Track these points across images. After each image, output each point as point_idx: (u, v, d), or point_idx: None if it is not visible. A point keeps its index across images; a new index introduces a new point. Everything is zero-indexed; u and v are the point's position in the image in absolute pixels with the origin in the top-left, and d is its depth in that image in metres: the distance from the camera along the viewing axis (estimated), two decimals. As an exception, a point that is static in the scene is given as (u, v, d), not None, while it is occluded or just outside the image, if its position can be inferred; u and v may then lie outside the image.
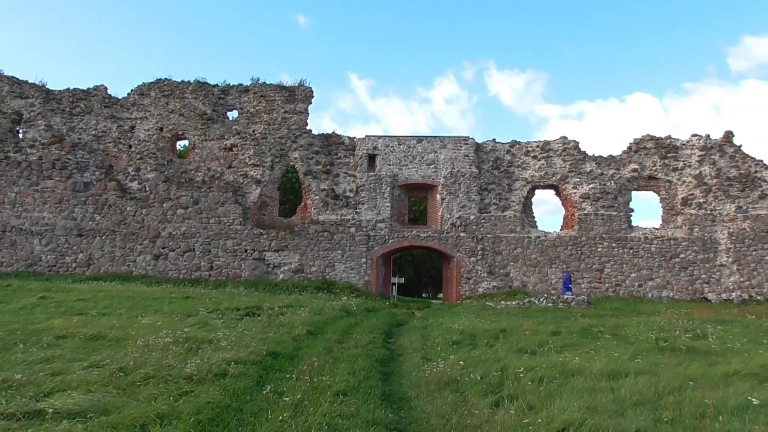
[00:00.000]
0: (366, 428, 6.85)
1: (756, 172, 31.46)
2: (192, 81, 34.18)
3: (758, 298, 29.29)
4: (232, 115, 34.33)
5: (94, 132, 33.64)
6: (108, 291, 22.59)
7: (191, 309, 17.33)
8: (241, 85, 34.28)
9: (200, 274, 31.38)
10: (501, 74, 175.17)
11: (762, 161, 31.73)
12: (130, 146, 33.56)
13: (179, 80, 34.27)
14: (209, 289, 26.43)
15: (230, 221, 31.96)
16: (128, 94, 34.36)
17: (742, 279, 30.17)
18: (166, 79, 34.32)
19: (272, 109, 33.47)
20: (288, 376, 9.39)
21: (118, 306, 17.99)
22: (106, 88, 34.41)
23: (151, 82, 34.31)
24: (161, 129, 33.69)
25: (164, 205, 32.26)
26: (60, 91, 34.15)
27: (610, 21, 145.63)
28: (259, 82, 34.06)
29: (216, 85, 34.28)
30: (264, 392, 8.21)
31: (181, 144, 39.08)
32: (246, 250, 31.66)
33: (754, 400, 7.93)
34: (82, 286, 24.68)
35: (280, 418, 6.90)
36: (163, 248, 31.84)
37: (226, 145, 33.50)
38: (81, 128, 33.66)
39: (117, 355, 9.73)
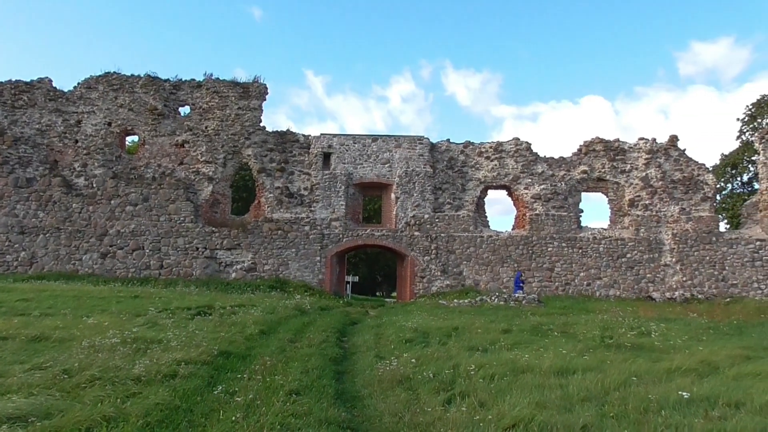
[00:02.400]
0: (318, 427, 6.83)
1: (699, 175, 32.62)
2: (142, 75, 33.44)
3: (699, 296, 30.39)
4: (184, 110, 33.72)
5: (37, 126, 32.53)
6: (52, 290, 21.85)
7: (140, 308, 16.94)
8: (193, 80, 33.69)
9: (150, 272, 30.70)
10: (457, 74, 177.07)
11: (704, 165, 32.94)
12: (77, 141, 32.59)
13: (129, 74, 33.47)
14: (159, 288, 25.91)
15: (181, 219, 31.37)
16: (74, 87, 33.36)
17: (684, 278, 31.26)
18: (114, 72, 33.46)
19: (225, 105, 33.01)
20: (240, 376, 9.29)
21: (62, 306, 17.42)
22: (50, 81, 33.35)
23: (99, 76, 33.39)
24: (109, 124, 32.82)
25: (112, 202, 31.43)
26: (1, 83, 32.89)
27: (565, 23, 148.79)
28: (213, 77, 33.54)
29: (167, 80, 33.60)
30: (215, 393, 8.10)
31: (130, 139, 38.18)
32: (197, 249, 31.13)
33: (685, 394, 8.22)
34: (23, 286, 23.84)
35: (232, 418, 6.81)
36: (110, 246, 31.02)
37: (177, 141, 32.86)
38: (24, 122, 32.50)
39: (61, 357, 9.41)
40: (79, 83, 33.42)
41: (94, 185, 31.70)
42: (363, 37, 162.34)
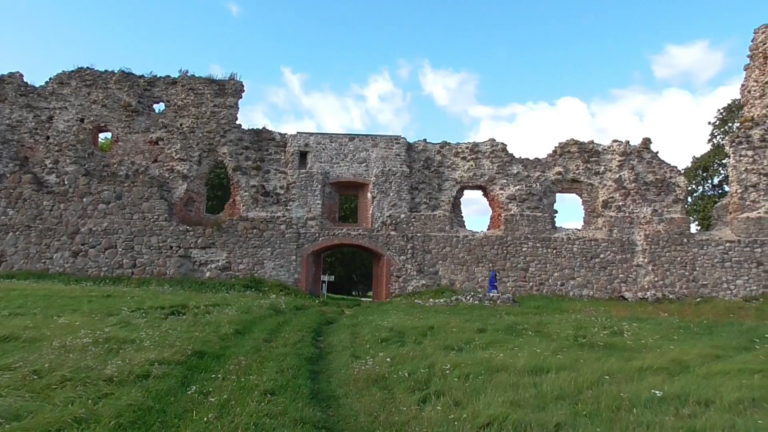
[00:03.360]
0: (294, 427, 6.80)
1: (671, 177, 33.17)
2: (116, 71, 32.96)
3: (671, 296, 30.90)
4: (159, 107, 33.32)
5: (8, 121, 31.89)
6: (21, 289, 21.41)
7: (112, 308, 16.70)
8: (168, 77, 33.32)
9: (122, 271, 30.30)
10: (435, 73, 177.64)
11: (676, 167, 33.51)
12: (48, 137, 32.03)
13: (102, 70, 32.99)
14: (132, 288, 25.58)
15: (155, 217, 30.99)
16: (46, 82, 32.78)
17: (656, 279, 31.76)
18: (88, 68, 32.94)
19: (201, 102, 32.70)
20: (214, 376, 9.21)
21: (32, 305, 17.08)
22: (21, 76, 32.71)
23: (72, 71, 32.85)
24: (82, 120, 32.31)
25: (84, 199, 30.94)
26: (-30, 77, 32.19)
27: (542, 25, 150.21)
28: (188, 74, 33.21)
29: (142, 76, 33.18)
30: (189, 393, 8.02)
31: (103, 136, 37.60)
32: (171, 247, 30.80)
33: (657, 392, 8.37)
34: (-8, 284, 23.34)
35: (206, 419, 6.76)
36: (82, 245, 30.54)
37: (151, 138, 32.47)
38: (-7, 117, 31.84)
39: (31, 357, 9.21)
40: (51, 78, 32.83)
41: (66, 182, 31.19)
42: (341, 35, 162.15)
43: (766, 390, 8.82)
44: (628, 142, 33.52)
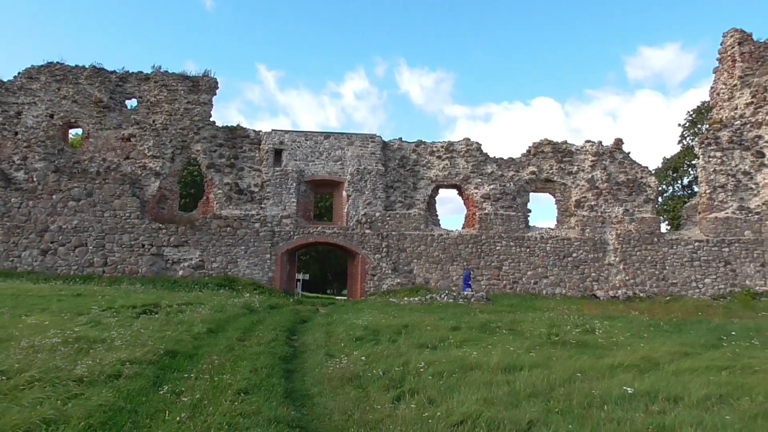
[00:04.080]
0: (267, 426, 6.76)
1: (642, 177, 33.71)
2: (87, 66, 32.40)
3: (641, 295, 31.40)
4: (131, 103, 32.85)
5: (-26, 116, 31.17)
6: (-12, 288, 21.00)
7: (83, 307, 16.44)
8: (141, 72, 32.87)
9: (93, 270, 29.81)
10: (411, 72, 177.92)
11: (647, 168, 34.09)
12: (16, 133, 31.38)
13: (73, 65, 32.41)
14: (103, 286, 25.22)
15: (127, 215, 30.55)
16: (15, 77, 32.08)
17: (627, 277, 32.25)
18: (58, 62, 32.34)
19: (174, 99, 32.32)
20: (187, 375, 9.12)
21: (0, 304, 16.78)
22: (-11, 70, 31.97)
23: (41, 66, 32.21)
24: (52, 116, 31.71)
25: (54, 196, 30.37)
26: (-65, 70, 31.38)
27: (518, 25, 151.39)
28: (161, 70, 32.79)
29: (114, 72, 32.67)
30: (161, 393, 7.94)
31: (74, 132, 36.95)
32: (143, 245, 30.39)
33: (628, 389, 8.51)
34: (-42, 283, 22.83)
35: (178, 418, 6.69)
36: (51, 243, 29.98)
37: (123, 135, 32.00)
38: (-41, 112, 31.09)
39: (-2, 357, 9.06)
40: (19, 73, 32.16)
41: (35, 179, 30.57)
42: (317, 32, 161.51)
43: (733, 386, 9.02)
44: (600, 142, 33.99)
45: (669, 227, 46.67)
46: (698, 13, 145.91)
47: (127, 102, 32.81)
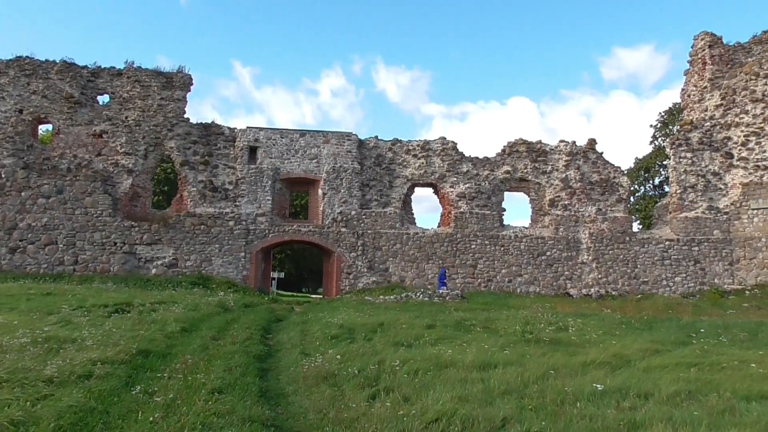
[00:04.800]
0: (242, 426, 6.72)
1: (614, 177, 34.20)
2: (58, 60, 31.79)
3: (613, 293, 31.84)
4: (103, 99, 32.33)
5: (-60, 111, 30.40)
6: (-46, 287, 20.52)
7: (52, 306, 16.15)
8: (113, 68, 32.37)
9: (64, 268, 29.30)
10: (388, 70, 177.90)
11: (620, 168, 34.60)
12: (-16, 128, 30.68)
13: (43, 59, 31.76)
14: (74, 285, 24.81)
15: (98, 212, 30.07)
16: (-18, 71, 31.35)
17: (600, 276, 32.69)
18: (27, 57, 31.67)
19: (147, 95, 31.90)
20: (160, 375, 9.03)
21: (-34, 303, 16.41)
22: (-45, 63, 31.21)
23: (10, 60, 31.50)
24: (21, 111, 31.06)
25: (23, 194, 29.76)
26: None
27: (494, 25, 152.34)
28: (134, 65, 32.33)
29: (85, 67, 32.11)
30: (133, 393, 7.85)
31: (44, 128, 36.28)
32: (115, 244, 29.96)
33: (599, 386, 8.64)
34: None
35: (151, 419, 6.61)
36: (20, 241, 29.39)
37: (95, 131, 31.49)
38: (-76, 106, 30.30)
39: (-36, 358, 8.86)
40: (-14, 67, 31.45)
41: (3, 176, 29.90)
42: (293, 29, 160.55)
43: (702, 383, 9.21)
44: (574, 142, 34.39)
45: (641, 226, 47.38)
46: (671, 15, 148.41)
47: (99, 98, 32.29)
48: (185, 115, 32.42)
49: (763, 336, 14.93)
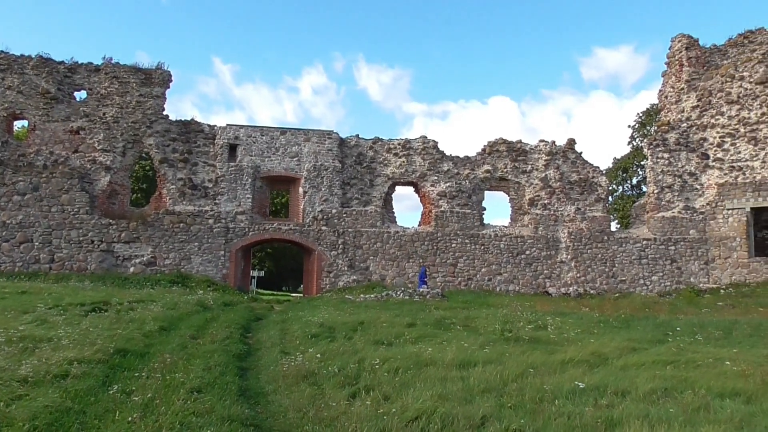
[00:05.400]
0: (221, 425, 6.69)
1: (593, 177, 34.55)
2: (34, 56, 31.30)
3: (592, 292, 32.17)
4: (80, 95, 31.88)
5: None
6: (-74, 285, 20.13)
7: (28, 305, 15.89)
8: (91, 63, 31.93)
9: (39, 267, 28.85)
10: (370, 68, 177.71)
11: (599, 168, 34.96)
12: (-43, 124, 30.10)
13: (18, 54, 31.25)
14: (50, 284, 24.46)
15: (75, 210, 29.66)
16: (-45, 65, 30.76)
17: (578, 275, 33.01)
18: (2, 51, 31.12)
19: (126, 91, 31.52)
20: (138, 374, 8.94)
21: (-62, 302, 16.09)
22: (-73, 57, 30.57)
23: (-16, 54, 30.97)
24: (-5, 106, 30.52)
25: (-3, 190, 29.26)
26: None
27: (475, 24, 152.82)
28: (112, 61, 31.94)
29: (62, 62, 31.63)
30: (111, 392, 7.77)
31: (19, 124, 35.67)
32: (93, 242, 29.58)
33: (580, 384, 8.74)
34: None
35: (129, 418, 6.56)
36: (-5, 238, 28.88)
37: (72, 127, 31.05)
38: None
39: (-64, 358, 8.71)
40: (-40, 61, 30.86)
41: (-23, 172, 29.38)
42: (275, 26, 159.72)
43: (678, 380, 9.36)
44: (554, 142, 34.67)
45: (619, 226, 47.93)
46: (651, 17, 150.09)
47: (76, 94, 31.83)
48: (164, 112, 32.11)
49: (737, 334, 15.21)
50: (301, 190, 32.71)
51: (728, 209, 32.69)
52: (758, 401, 8.26)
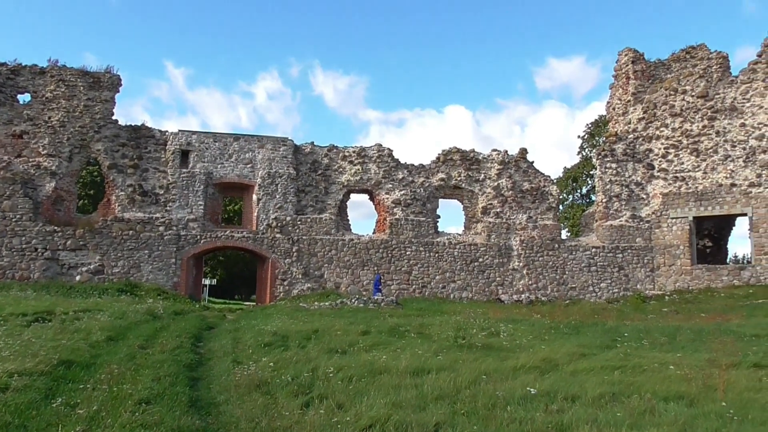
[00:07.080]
0: (170, 437, 6.54)
1: (545, 186, 35.26)
2: (-25, 56, 30.18)
3: (543, 299, 32.75)
4: (24, 98, 30.84)
5: None
6: None
7: (-34, 315, 15.26)
8: (35, 65, 30.96)
9: (-22, 275, 27.70)
10: (326, 74, 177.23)
11: (549, 177, 35.71)
12: None
13: (-42, 54, 30.09)
14: (-11, 293, 23.49)
15: (17, 216, 28.62)
16: None
17: (530, 282, 33.56)
18: (-60, 51, 29.94)
19: (73, 95, 30.66)
20: (83, 386, 8.67)
21: None
22: None
23: None
24: (-67, 108, 29.27)
25: (-66, 195, 28.01)
26: None
27: (431, 33, 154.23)
28: (59, 64, 31.04)
29: (4, 64, 30.57)
30: (54, 405, 7.51)
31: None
32: (36, 249, 28.58)
33: (532, 390, 8.89)
34: None
35: (73, 432, 6.34)
36: (-69, 245, 27.62)
37: (14, 131, 30.00)
38: None
39: None
40: None
41: None
42: (229, 30, 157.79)
43: (625, 385, 9.61)
44: (506, 151, 35.25)
45: (569, 234, 48.95)
46: (600, 28, 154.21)
47: (19, 96, 30.79)
48: (114, 117, 31.38)
49: (681, 339, 15.68)
50: (255, 197, 32.36)
51: (672, 218, 33.79)
52: (700, 404, 8.54)
